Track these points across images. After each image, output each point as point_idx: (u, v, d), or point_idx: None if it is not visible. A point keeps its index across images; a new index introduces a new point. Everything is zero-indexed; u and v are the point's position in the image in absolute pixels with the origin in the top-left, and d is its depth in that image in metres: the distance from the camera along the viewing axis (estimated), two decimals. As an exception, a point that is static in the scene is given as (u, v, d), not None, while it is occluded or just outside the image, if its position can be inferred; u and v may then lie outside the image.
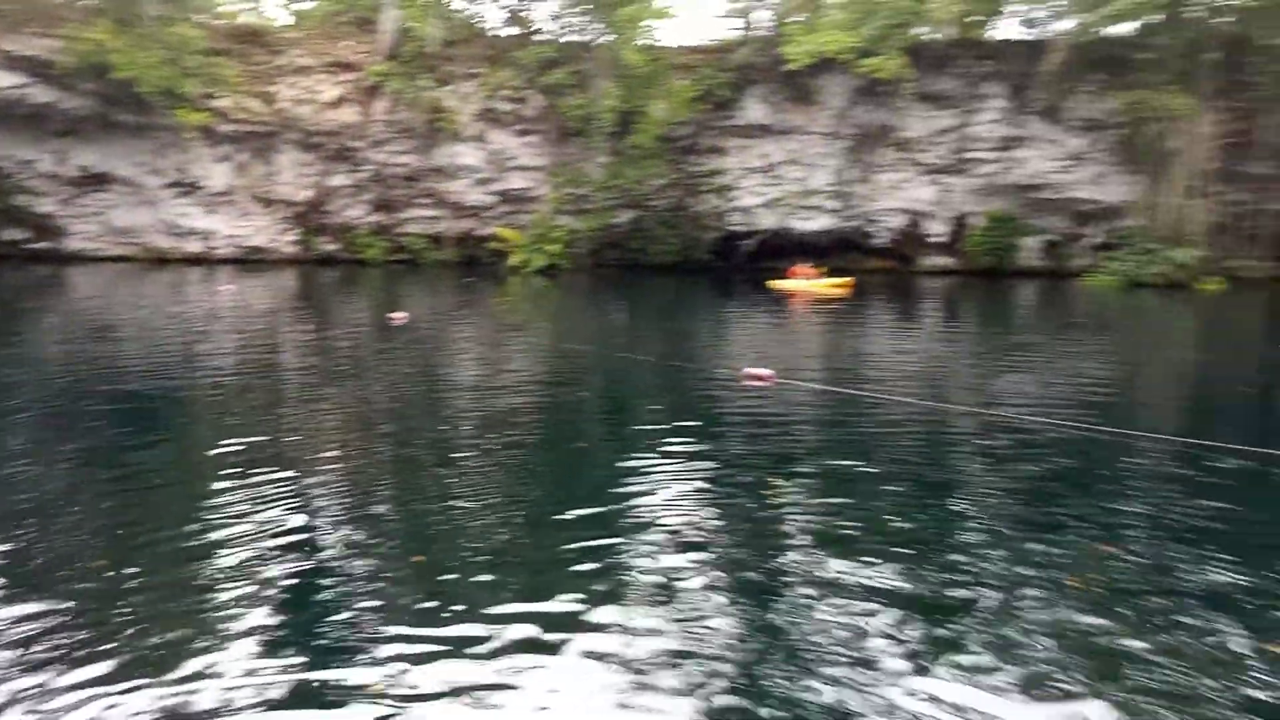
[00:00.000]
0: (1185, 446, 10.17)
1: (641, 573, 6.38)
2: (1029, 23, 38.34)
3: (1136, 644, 5.39)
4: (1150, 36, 33.99)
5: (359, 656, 5.19)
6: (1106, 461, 9.77)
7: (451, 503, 8.00)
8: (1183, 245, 33.34)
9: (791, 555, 6.80)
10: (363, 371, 15.51)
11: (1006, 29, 39.35)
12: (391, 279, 36.42)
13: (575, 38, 40.06)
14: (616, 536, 7.08)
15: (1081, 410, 12.53)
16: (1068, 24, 35.01)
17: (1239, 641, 5.46)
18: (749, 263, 41.44)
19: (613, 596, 5.96)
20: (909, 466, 9.74)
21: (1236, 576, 6.50)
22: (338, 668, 5.06)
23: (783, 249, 40.85)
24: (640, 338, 21.08)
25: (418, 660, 5.11)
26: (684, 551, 6.78)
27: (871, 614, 5.73)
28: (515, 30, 42.52)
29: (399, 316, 21.29)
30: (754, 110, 40.19)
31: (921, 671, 5.04)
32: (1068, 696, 4.83)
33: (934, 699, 4.77)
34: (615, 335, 21.47)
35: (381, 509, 7.94)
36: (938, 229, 40.19)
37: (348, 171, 41.41)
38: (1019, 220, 38.61)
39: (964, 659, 5.19)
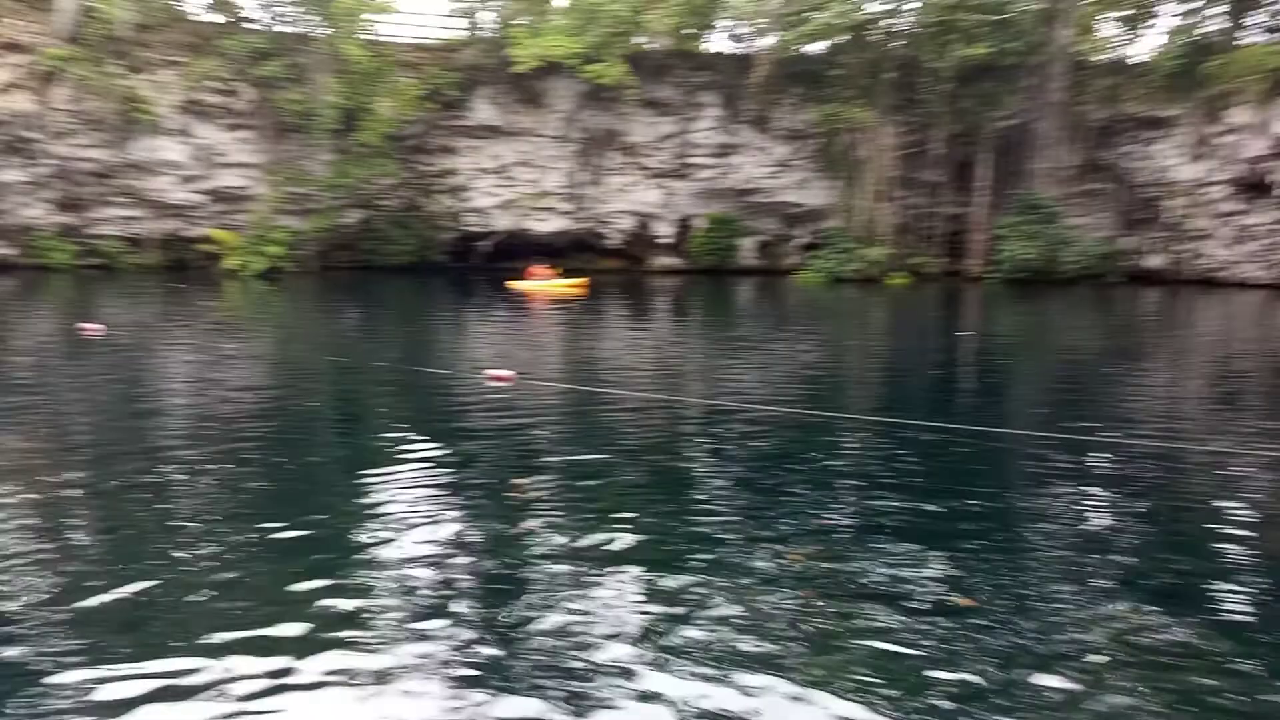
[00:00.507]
0: (885, 424, 11.45)
1: (378, 585, 6.21)
2: (737, 38, 41.21)
3: (854, 613, 6.02)
4: (839, 56, 37.73)
5: (60, 699, 4.63)
6: (819, 441, 10.79)
7: (166, 531, 7.32)
8: (874, 244, 37.34)
9: (537, 549, 6.91)
10: (51, 392, 13.72)
11: (719, 42, 42.07)
12: (84, 286, 32.45)
13: (288, 28, 37.76)
14: (353, 552, 6.83)
15: (796, 395, 13.72)
16: (770, 40, 38.01)
17: (924, 600, 6.26)
18: (487, 263, 41.23)
19: (348, 615, 5.75)
20: (646, 456, 10.21)
21: (935, 534, 7.45)
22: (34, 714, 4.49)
23: (520, 250, 41.04)
24: (376, 342, 20.37)
25: (128, 705, 4.65)
26: (423, 562, 6.66)
27: (612, 606, 5.95)
28: (219, 17, 39.36)
29: (92, 328, 18.97)
30: (484, 111, 40.04)
31: (658, 650, 5.32)
32: (777, 669, 5.30)
33: (663, 673, 5.05)
34: (348, 340, 20.58)
35: (82, 540, 7.11)
36: (664, 230, 42.16)
37: (23, 166, 36.34)
38: (737, 222, 41.42)
39: (696, 634, 5.54)
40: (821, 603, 5.98)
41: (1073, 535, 7.64)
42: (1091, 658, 5.31)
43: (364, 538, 7.17)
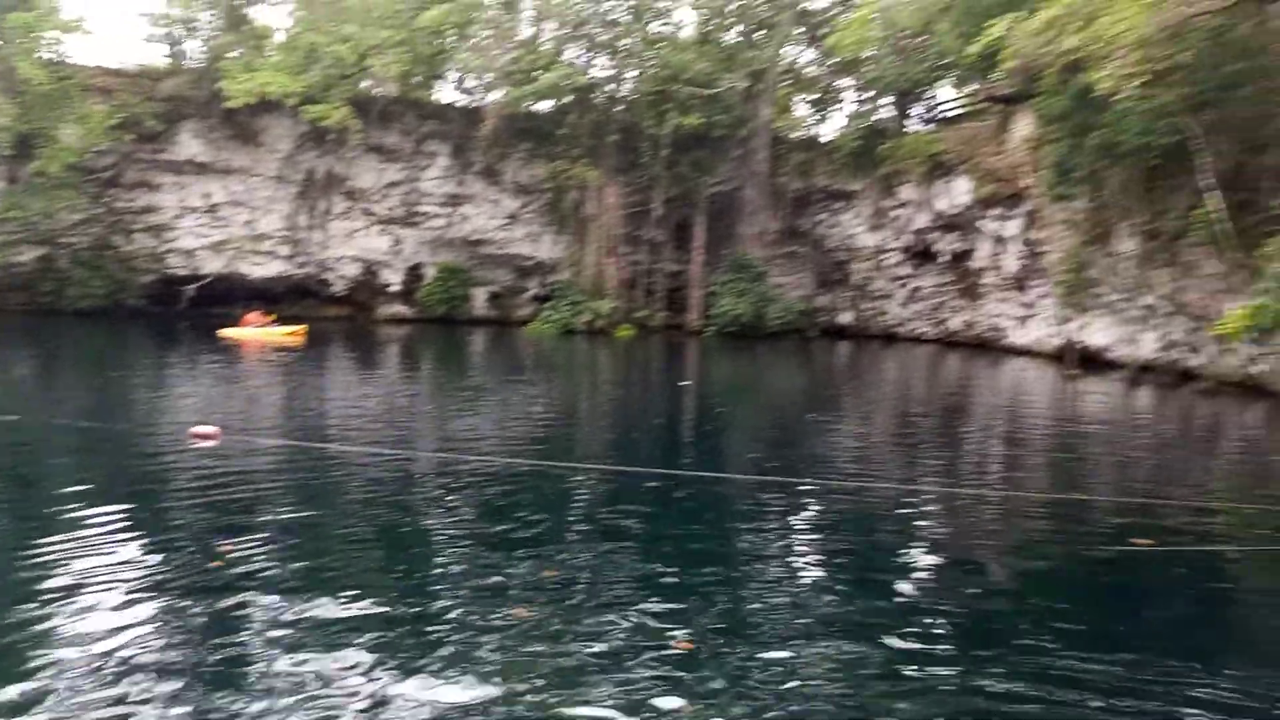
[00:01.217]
0: (612, 472, 11.84)
1: (47, 670, 5.49)
2: (466, 90, 41.48)
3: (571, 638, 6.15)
4: (565, 115, 39.10)
5: None
6: (548, 490, 10.95)
7: None
8: (602, 298, 38.71)
9: (250, 609, 6.43)
10: None
11: (448, 92, 42.08)
12: None
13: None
14: (22, 630, 5.98)
15: (526, 445, 13.84)
16: (498, 95, 38.62)
17: (650, 631, 6.54)
18: (195, 309, 37.79)
19: (16, 706, 5.03)
20: (366, 511, 9.84)
21: (660, 577, 7.78)
22: None
23: (233, 295, 38.08)
24: (59, 396, 18.00)
25: None
26: (103, 641, 5.98)
27: (337, 647, 5.67)
28: None
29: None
30: (190, 146, 37.05)
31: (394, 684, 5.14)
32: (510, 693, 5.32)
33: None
34: (22, 394, 18.00)
35: None
36: (393, 278, 41.06)
37: None
38: (468, 272, 41.24)
39: (430, 668, 5.41)
40: (542, 650, 6.06)
41: (781, 573, 8.33)
42: (793, 687, 5.81)
43: (33, 615, 6.30)
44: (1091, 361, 28.14)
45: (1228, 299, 22.34)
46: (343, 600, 6.81)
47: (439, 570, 7.93)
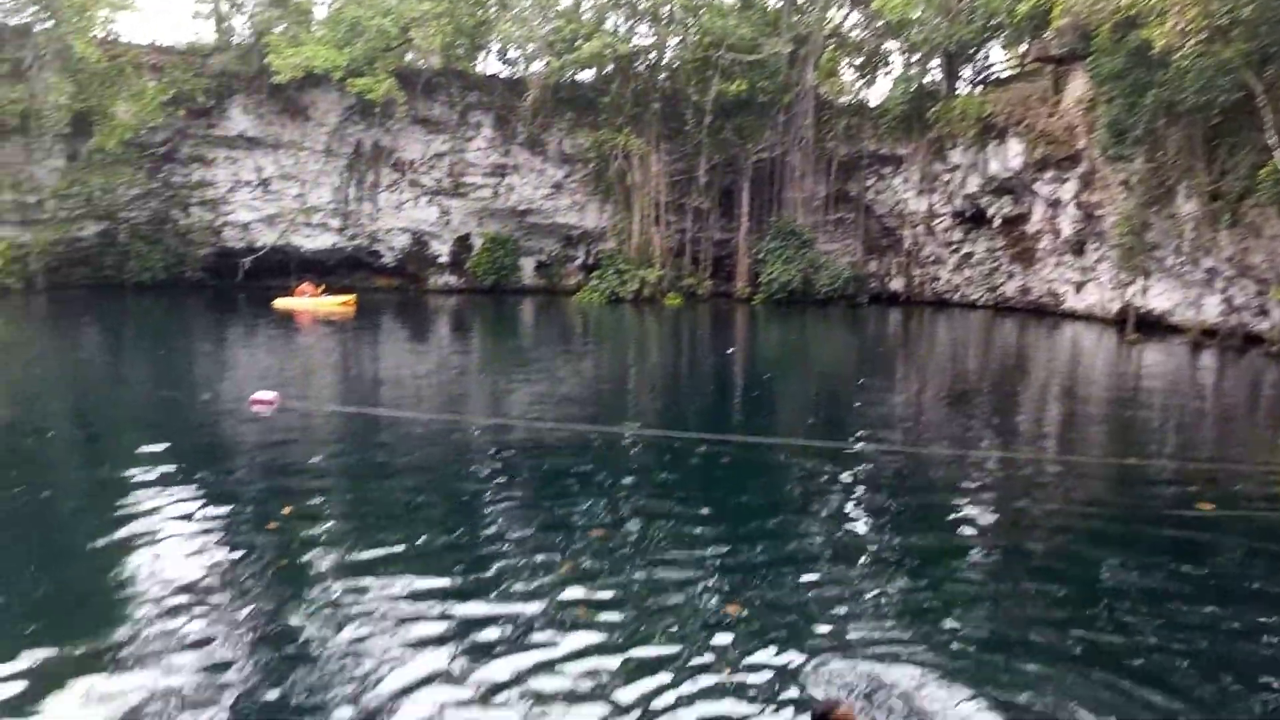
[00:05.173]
0: (662, 437, 11.89)
1: (136, 622, 5.71)
2: (508, 60, 41.35)
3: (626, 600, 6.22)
4: (609, 84, 38.80)
5: None
6: (600, 454, 11.03)
7: None
8: (649, 266, 38.61)
9: (309, 563, 6.62)
10: None
11: (492, 63, 41.98)
12: None
13: (6, 20, 33.70)
14: (113, 589, 6.23)
15: (577, 411, 13.93)
16: (541, 65, 38.45)
17: (710, 599, 6.59)
18: (250, 281, 38.53)
19: (99, 652, 5.25)
20: (421, 474, 10.02)
21: (712, 547, 7.82)
22: None
23: (286, 267, 38.77)
24: (125, 368, 18.55)
25: None
26: (184, 593, 6.20)
27: (405, 620, 5.82)
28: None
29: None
30: (240, 121, 37.55)
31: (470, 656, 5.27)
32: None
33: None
34: (90, 366, 18.57)
35: None
36: (442, 249, 41.37)
37: None
38: (515, 242, 41.38)
39: (488, 636, 5.53)
40: (581, 613, 6.14)
41: (829, 537, 8.31)
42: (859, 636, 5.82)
43: (111, 564, 6.56)
44: (1152, 326, 27.44)
45: (1296, 260, 21.59)
46: (396, 557, 6.97)
47: (492, 530, 8.06)
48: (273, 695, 5.00)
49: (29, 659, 5.26)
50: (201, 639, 5.60)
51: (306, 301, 31.07)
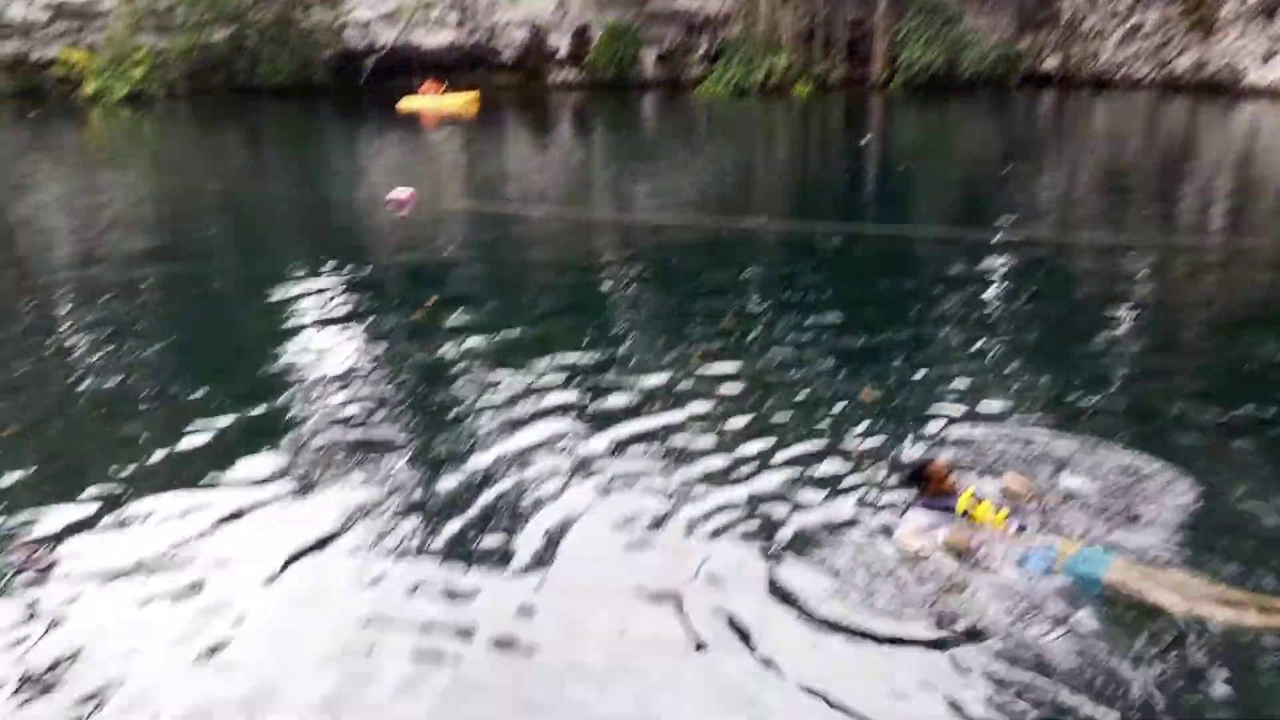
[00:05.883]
0: (794, 231, 11.60)
1: (283, 424, 6.15)
2: None
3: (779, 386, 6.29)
4: None
5: None
6: (733, 248, 10.89)
7: (66, 375, 7.05)
8: (777, 53, 36.43)
9: (448, 355, 6.94)
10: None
11: None
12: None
13: None
14: (276, 393, 6.70)
15: (708, 206, 13.68)
16: None
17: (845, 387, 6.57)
18: (374, 82, 38.70)
19: (277, 463, 5.71)
20: (551, 270, 10.18)
21: (846, 337, 7.73)
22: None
23: (408, 67, 38.60)
24: (263, 171, 19.28)
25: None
26: (348, 385, 6.62)
27: (544, 390, 6.07)
28: None
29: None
30: (355, -89, 36.45)
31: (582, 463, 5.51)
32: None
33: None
34: (233, 170, 19.38)
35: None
36: (560, 42, 40.15)
37: None
38: (635, 32, 39.64)
39: (620, 419, 5.73)
40: (730, 400, 6.24)
41: (971, 326, 8.04)
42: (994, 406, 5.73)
43: (285, 361, 7.06)
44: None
45: None
46: (533, 338, 7.21)
47: (626, 319, 8.17)
48: (421, 443, 5.38)
49: (207, 427, 5.80)
50: (360, 412, 6.02)
51: (431, 100, 31.01)
